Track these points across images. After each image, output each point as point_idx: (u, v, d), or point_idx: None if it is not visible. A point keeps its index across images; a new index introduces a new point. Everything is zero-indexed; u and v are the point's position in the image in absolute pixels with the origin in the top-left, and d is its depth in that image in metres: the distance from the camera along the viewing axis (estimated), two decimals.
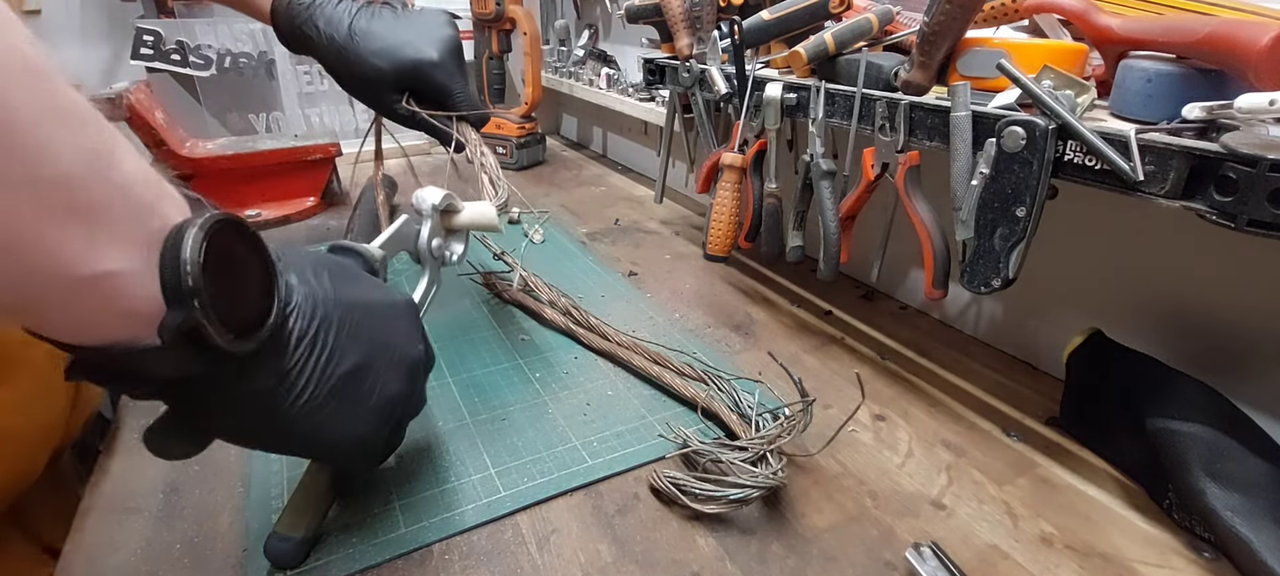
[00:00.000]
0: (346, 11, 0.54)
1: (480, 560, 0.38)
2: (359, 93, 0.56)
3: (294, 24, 0.53)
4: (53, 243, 0.22)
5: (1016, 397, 0.54)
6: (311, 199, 0.95)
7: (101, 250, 0.23)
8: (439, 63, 0.53)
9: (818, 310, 0.69)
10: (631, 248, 0.84)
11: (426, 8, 0.59)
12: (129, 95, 0.82)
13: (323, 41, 0.53)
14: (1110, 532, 0.41)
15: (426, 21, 0.56)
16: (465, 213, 0.52)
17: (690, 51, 0.73)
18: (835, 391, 0.54)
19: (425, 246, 0.49)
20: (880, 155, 0.55)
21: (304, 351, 0.31)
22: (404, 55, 0.53)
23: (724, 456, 0.42)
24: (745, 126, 0.66)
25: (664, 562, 0.38)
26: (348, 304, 0.33)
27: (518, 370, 0.56)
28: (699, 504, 0.41)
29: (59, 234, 0.22)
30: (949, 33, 0.46)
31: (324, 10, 0.53)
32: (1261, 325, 0.45)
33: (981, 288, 0.45)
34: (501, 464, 0.45)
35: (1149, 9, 0.46)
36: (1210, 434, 0.40)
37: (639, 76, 1.08)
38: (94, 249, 0.23)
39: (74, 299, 0.23)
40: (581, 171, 1.21)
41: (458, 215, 0.52)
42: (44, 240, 0.21)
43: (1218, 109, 0.37)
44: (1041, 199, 0.41)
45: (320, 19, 0.53)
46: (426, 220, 0.49)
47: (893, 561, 0.38)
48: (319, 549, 0.38)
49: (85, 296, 0.23)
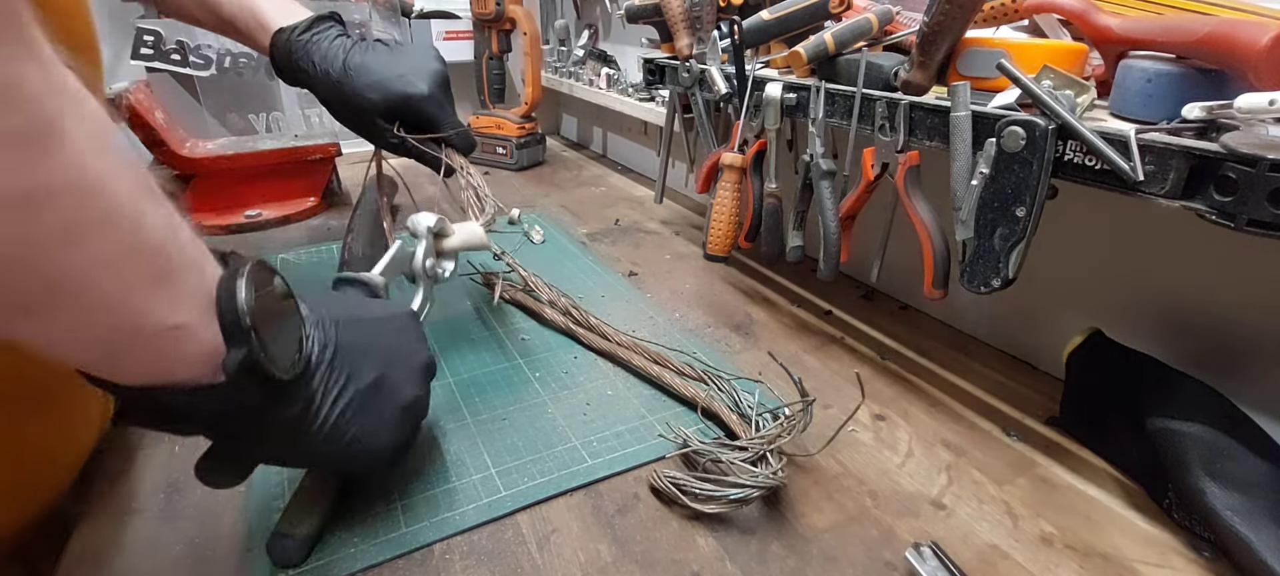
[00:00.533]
0: (341, 47, 0.56)
1: (480, 560, 0.38)
2: (353, 123, 0.59)
3: (292, 59, 0.56)
4: (140, 303, 0.25)
5: (1016, 397, 0.54)
6: (312, 199, 0.95)
7: (177, 306, 0.26)
8: (428, 95, 0.56)
9: (818, 310, 0.69)
10: (631, 248, 0.84)
11: (416, 43, 0.60)
12: (129, 95, 0.82)
13: (318, 75, 0.55)
14: (1110, 532, 0.41)
15: (416, 56, 0.58)
16: (456, 236, 0.55)
17: (690, 51, 0.73)
18: (835, 391, 0.54)
19: (420, 266, 0.52)
20: (880, 155, 0.55)
21: (324, 373, 0.34)
22: (395, 88, 0.55)
23: (724, 456, 0.42)
24: (745, 126, 0.66)
25: (664, 562, 0.38)
26: (356, 324, 0.37)
27: (517, 370, 0.56)
28: (699, 503, 0.41)
29: (147, 296, 0.25)
30: (949, 33, 0.46)
31: (319, 46, 0.56)
32: (1261, 325, 0.45)
33: (981, 288, 0.45)
34: (501, 464, 0.45)
35: (1149, 9, 0.46)
36: (1210, 434, 0.40)
37: (639, 76, 1.08)
38: (173, 306, 0.26)
39: (150, 349, 0.26)
40: (581, 171, 1.21)
41: (449, 238, 0.55)
42: (134, 301, 0.25)
43: (1218, 109, 0.37)
44: (1041, 199, 0.41)
45: (316, 54, 0.55)
46: (421, 242, 0.52)
47: (893, 561, 0.38)
48: (320, 548, 0.38)
49: (160, 346, 0.26)
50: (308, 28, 0.56)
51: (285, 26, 0.56)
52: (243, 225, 0.88)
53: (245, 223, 0.88)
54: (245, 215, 0.89)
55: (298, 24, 0.56)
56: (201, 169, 0.89)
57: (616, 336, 0.58)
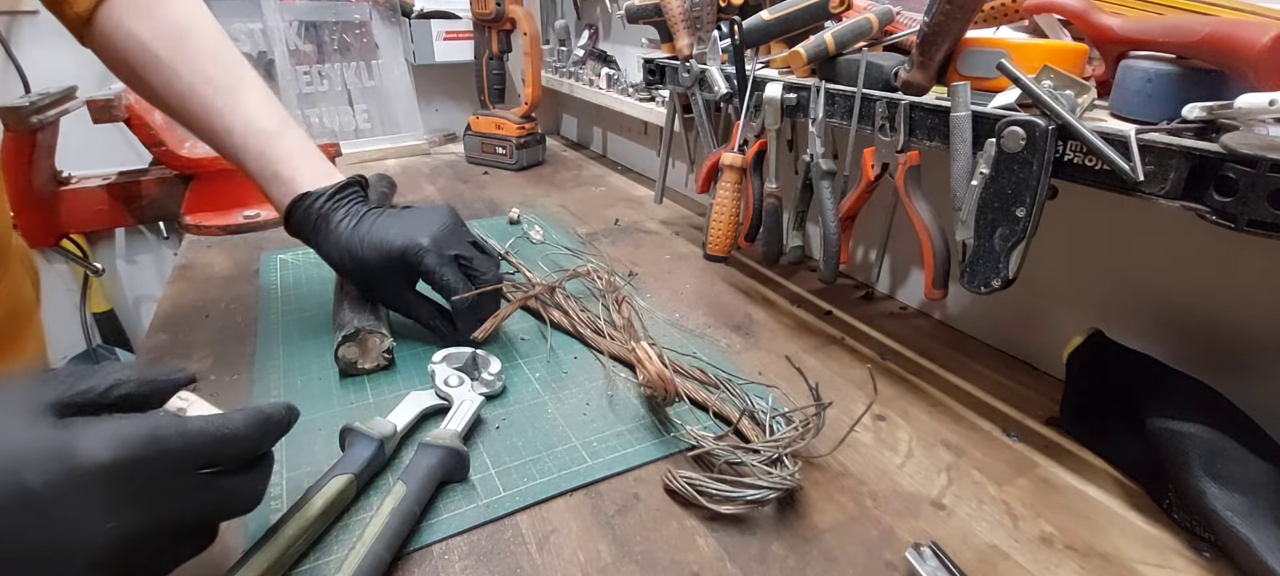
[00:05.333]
0: (355, 214, 0.57)
1: (480, 560, 0.38)
2: (363, 285, 0.59)
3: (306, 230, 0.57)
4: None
5: (1016, 397, 0.54)
6: None
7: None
8: (427, 247, 0.55)
9: (818, 310, 0.69)
10: (631, 248, 0.84)
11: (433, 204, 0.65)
12: (128, 95, 0.82)
13: (329, 244, 0.56)
14: (1110, 532, 0.41)
15: (425, 214, 0.58)
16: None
17: (690, 51, 0.73)
18: (836, 392, 0.54)
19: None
20: (880, 155, 0.55)
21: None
22: (394, 244, 0.55)
23: (742, 459, 0.43)
24: (745, 126, 0.66)
25: (664, 562, 0.38)
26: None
27: (517, 370, 0.56)
28: (716, 504, 0.41)
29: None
30: (949, 33, 0.46)
31: (329, 218, 0.56)
32: (1261, 325, 0.45)
33: (981, 288, 0.45)
34: (501, 464, 0.45)
35: (1149, 9, 0.46)
36: (1210, 434, 0.40)
37: (639, 76, 1.08)
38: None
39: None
40: (581, 171, 1.21)
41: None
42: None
43: (1218, 109, 0.37)
44: (1041, 199, 0.41)
45: (324, 235, 0.56)
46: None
47: (893, 561, 0.38)
48: (319, 548, 0.38)
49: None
50: (333, 195, 0.57)
51: (311, 192, 0.56)
52: (241, 225, 0.88)
53: (243, 223, 0.88)
54: (243, 216, 0.89)
55: (324, 190, 0.56)
56: (201, 169, 0.89)
57: (620, 337, 0.58)
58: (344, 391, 0.53)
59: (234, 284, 0.72)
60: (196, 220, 0.88)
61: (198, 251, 0.82)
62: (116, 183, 0.91)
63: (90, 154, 1.06)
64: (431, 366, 0.52)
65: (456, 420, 0.46)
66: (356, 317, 0.55)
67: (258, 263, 0.77)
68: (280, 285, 0.71)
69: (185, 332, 0.62)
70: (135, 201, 0.92)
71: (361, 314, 0.56)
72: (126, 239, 1.32)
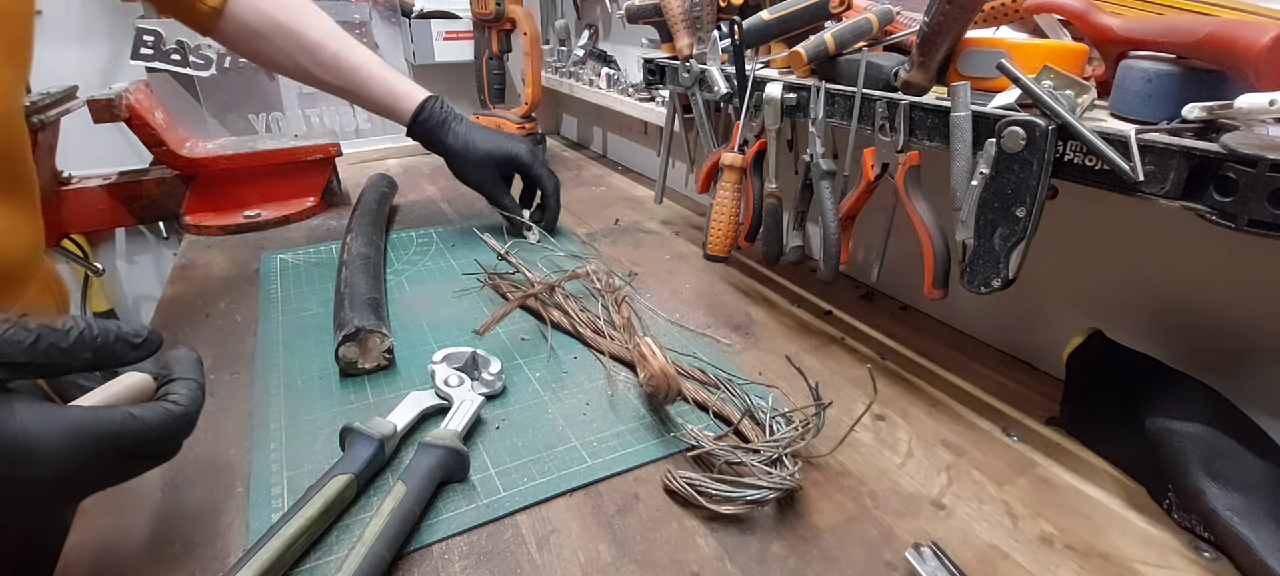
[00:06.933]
0: (466, 127, 0.81)
1: (480, 560, 0.38)
2: (473, 179, 0.82)
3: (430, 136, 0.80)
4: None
5: (1016, 397, 0.54)
6: (311, 199, 0.95)
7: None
8: (531, 154, 0.82)
9: (818, 310, 0.69)
10: (631, 248, 0.84)
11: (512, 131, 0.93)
12: (128, 95, 0.82)
13: (450, 143, 0.79)
14: (1110, 532, 0.41)
15: (513, 136, 0.84)
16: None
17: (690, 51, 0.73)
18: (835, 391, 0.54)
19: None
20: (880, 155, 0.55)
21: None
22: (508, 148, 0.81)
23: (742, 459, 0.43)
24: (745, 126, 0.66)
25: (664, 562, 0.38)
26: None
27: (517, 370, 0.56)
28: (716, 504, 0.41)
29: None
30: (949, 33, 0.46)
31: (448, 127, 0.80)
32: (1261, 325, 0.45)
33: (981, 288, 0.45)
34: (501, 464, 0.45)
35: (1149, 9, 0.46)
36: (1210, 434, 0.40)
37: (639, 76, 1.08)
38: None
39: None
40: (581, 171, 1.21)
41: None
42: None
43: (1218, 109, 0.37)
44: (1041, 199, 0.41)
45: (447, 132, 0.79)
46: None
47: (893, 561, 0.38)
48: (319, 548, 0.38)
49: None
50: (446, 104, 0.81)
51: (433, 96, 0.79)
52: (242, 225, 0.88)
53: (244, 223, 0.88)
54: (244, 215, 0.89)
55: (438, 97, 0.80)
56: (201, 169, 0.89)
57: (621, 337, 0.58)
58: (344, 391, 0.53)
59: (234, 284, 0.72)
60: (196, 220, 0.88)
61: (198, 251, 0.82)
62: (117, 183, 0.91)
63: (91, 154, 1.06)
64: (431, 366, 0.52)
65: (456, 420, 0.46)
66: (357, 317, 0.55)
67: (258, 263, 0.77)
68: (280, 285, 0.71)
69: (185, 332, 0.62)
70: (135, 201, 0.92)
71: (362, 314, 0.56)
72: (127, 239, 1.32)
